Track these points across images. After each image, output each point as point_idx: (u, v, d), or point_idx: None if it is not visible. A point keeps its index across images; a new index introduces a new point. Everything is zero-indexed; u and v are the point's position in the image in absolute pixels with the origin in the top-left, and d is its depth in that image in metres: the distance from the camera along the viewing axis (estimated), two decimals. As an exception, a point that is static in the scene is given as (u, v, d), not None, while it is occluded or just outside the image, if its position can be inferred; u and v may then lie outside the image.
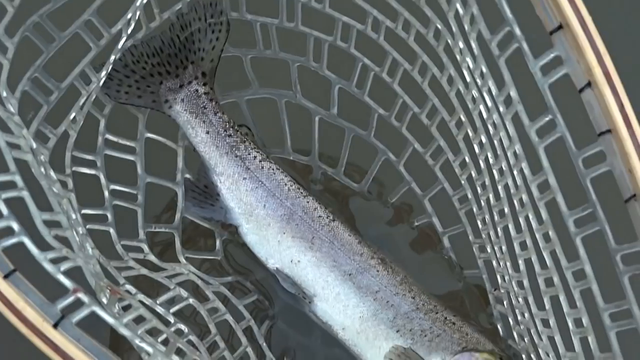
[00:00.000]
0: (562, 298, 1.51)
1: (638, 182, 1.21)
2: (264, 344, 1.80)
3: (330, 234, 1.81)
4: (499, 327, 1.85)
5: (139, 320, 1.25)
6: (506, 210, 1.64)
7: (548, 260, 1.52)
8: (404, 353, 1.70)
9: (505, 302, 1.78)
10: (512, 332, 1.78)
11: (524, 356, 1.74)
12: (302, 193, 1.85)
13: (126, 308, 1.31)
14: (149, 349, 1.10)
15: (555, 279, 1.52)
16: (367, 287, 1.76)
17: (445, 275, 1.95)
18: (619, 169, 1.23)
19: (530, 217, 1.53)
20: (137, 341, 1.11)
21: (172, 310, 1.64)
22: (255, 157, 1.85)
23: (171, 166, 1.90)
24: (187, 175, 1.90)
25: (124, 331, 1.10)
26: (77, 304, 1.06)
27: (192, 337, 1.60)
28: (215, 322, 1.73)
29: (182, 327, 1.59)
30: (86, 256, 1.39)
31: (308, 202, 1.84)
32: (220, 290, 1.81)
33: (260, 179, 1.84)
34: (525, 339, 1.70)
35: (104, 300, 1.31)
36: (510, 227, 1.63)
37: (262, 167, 1.85)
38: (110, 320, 1.09)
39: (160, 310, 1.60)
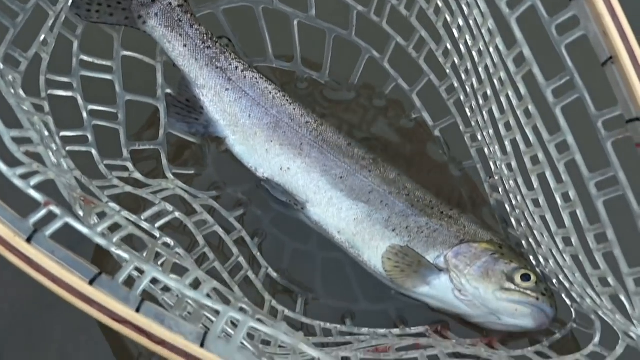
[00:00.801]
0: (549, 174, 1.49)
1: (613, 44, 1.18)
2: (258, 253, 1.79)
3: (319, 138, 1.78)
4: (496, 216, 1.83)
5: (115, 228, 1.23)
6: (489, 92, 1.61)
7: (531, 137, 1.51)
8: (401, 251, 1.69)
9: (500, 190, 1.76)
10: (510, 219, 1.76)
11: (523, 242, 1.72)
12: (287, 100, 1.82)
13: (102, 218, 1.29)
14: (126, 256, 1.08)
15: (540, 156, 1.50)
16: (359, 188, 1.75)
17: (441, 169, 1.92)
18: (594, 32, 1.20)
19: (510, 94, 1.51)
20: (113, 249, 1.10)
21: (158, 224, 1.62)
22: (236, 67, 1.82)
23: (151, 83, 1.86)
24: (168, 91, 1.86)
25: (99, 240, 1.08)
26: (50, 217, 1.04)
27: (179, 250, 1.59)
28: (204, 234, 1.72)
29: (169, 240, 1.58)
30: (60, 170, 1.37)
31: (294, 108, 1.81)
32: (209, 203, 1.79)
33: (244, 88, 1.81)
34: (522, 224, 1.69)
35: (80, 213, 1.29)
36: (494, 108, 1.61)
37: (245, 77, 1.82)
38: (84, 230, 1.06)
39: (145, 225, 1.58)
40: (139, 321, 1.01)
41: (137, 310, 1.01)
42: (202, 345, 1.02)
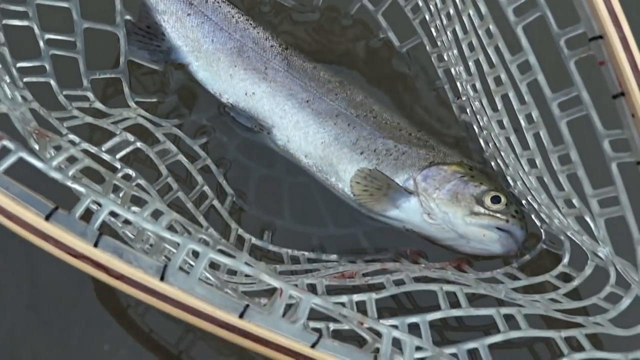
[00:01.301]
0: (512, 95, 1.48)
1: (574, -41, 1.15)
2: (224, 181, 1.77)
3: (284, 62, 1.76)
4: (465, 136, 1.82)
5: (71, 161, 1.21)
6: (451, 11, 1.59)
7: (494, 58, 1.49)
8: (369, 175, 1.67)
9: (468, 111, 1.74)
10: (479, 140, 1.75)
11: (492, 163, 1.71)
12: (251, 24, 1.79)
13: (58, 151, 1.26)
14: (82, 189, 1.06)
15: (503, 76, 1.49)
16: (326, 112, 1.73)
17: (409, 90, 1.90)
18: (554, -52, 1.17)
19: (472, 14, 1.49)
20: (68, 183, 1.08)
21: (119, 156, 1.59)
22: None
23: (109, 10, 1.80)
24: (128, 17, 1.82)
25: (54, 174, 1.06)
26: (4, 152, 1.01)
27: (141, 181, 1.56)
28: (167, 164, 1.69)
29: (130, 171, 1.55)
30: (13, 103, 1.34)
31: (258, 32, 1.78)
32: (173, 131, 1.76)
33: (206, 13, 1.77)
34: (490, 145, 1.68)
35: (36, 147, 1.27)
36: (457, 29, 1.59)
37: (207, 1, 1.78)
38: (38, 164, 1.04)
39: (106, 157, 1.55)
40: (97, 256, 0.99)
41: (95, 245, 0.99)
42: (162, 278, 1.01)
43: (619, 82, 1.17)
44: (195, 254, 1.03)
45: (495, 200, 1.63)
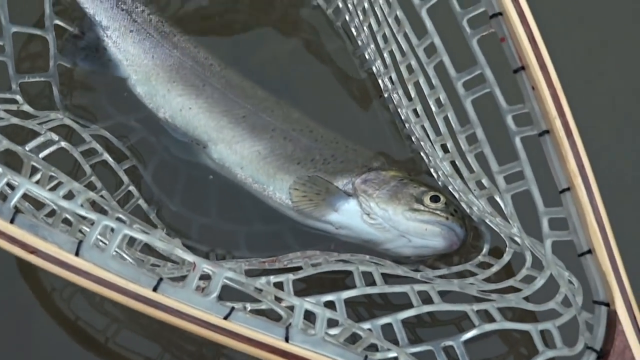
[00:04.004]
0: (422, 81, 1.55)
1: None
2: (151, 180, 1.79)
3: (222, 80, 1.80)
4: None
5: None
6: (365, 5, 1.66)
7: (404, 45, 1.57)
8: (309, 181, 1.69)
9: (390, 106, 1.81)
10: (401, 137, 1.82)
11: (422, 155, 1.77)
12: (191, 44, 1.84)
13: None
14: (-1, 169, 1.08)
15: (413, 63, 1.56)
16: (262, 126, 1.76)
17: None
18: None
19: (381, 2, 1.56)
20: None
21: (42, 155, 1.59)
22: (143, 10, 1.83)
23: (39, 13, 1.82)
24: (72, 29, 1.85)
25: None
26: None
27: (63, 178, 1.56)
28: (91, 163, 1.69)
29: (54, 171, 1.55)
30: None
31: (198, 52, 1.84)
32: (100, 132, 1.78)
33: (148, 30, 1.82)
34: (413, 138, 1.75)
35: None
36: (372, 22, 1.64)
37: (150, 20, 1.83)
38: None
39: (30, 156, 1.56)
40: (12, 231, 1.02)
41: (11, 222, 1.02)
42: (77, 254, 1.03)
43: (519, 57, 1.23)
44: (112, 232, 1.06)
45: (435, 199, 1.66)
